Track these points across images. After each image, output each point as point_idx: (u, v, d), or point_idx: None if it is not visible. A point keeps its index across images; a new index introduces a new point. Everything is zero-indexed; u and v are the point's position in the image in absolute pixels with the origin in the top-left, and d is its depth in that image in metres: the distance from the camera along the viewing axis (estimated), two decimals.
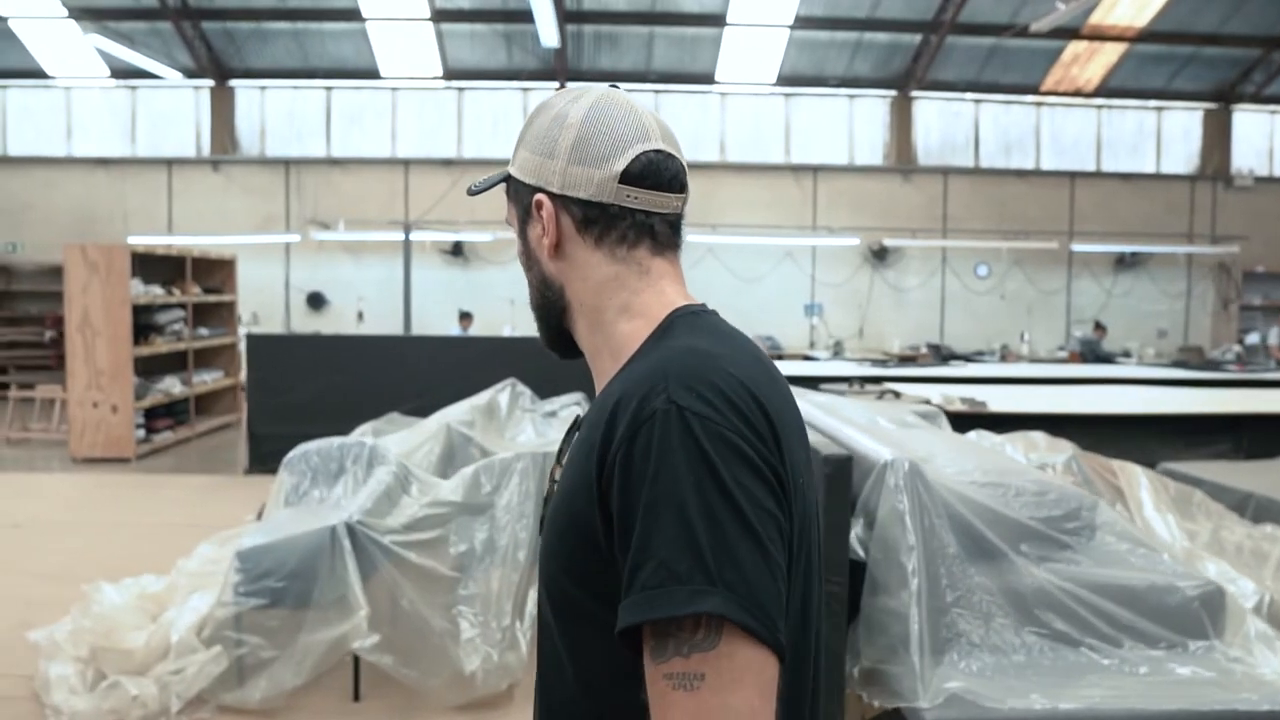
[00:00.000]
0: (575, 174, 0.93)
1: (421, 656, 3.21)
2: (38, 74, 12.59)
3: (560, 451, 1.02)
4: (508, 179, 1.00)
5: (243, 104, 12.79)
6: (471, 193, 1.05)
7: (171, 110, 12.77)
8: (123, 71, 12.39)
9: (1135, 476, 3.75)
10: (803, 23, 11.92)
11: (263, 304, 12.36)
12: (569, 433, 1.01)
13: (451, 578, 3.40)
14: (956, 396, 6.17)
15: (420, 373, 7.36)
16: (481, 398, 5.61)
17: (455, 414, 5.20)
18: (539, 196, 0.95)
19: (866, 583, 2.33)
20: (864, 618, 2.32)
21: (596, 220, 0.94)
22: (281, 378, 7.55)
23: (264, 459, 7.51)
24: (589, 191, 0.93)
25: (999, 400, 6.01)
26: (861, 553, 2.36)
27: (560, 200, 0.94)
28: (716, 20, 11.95)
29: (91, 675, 3.30)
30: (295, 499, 3.94)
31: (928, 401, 5.75)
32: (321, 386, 7.48)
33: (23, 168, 12.68)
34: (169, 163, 12.66)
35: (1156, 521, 3.48)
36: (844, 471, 2.16)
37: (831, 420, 2.92)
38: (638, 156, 0.92)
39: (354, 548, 3.15)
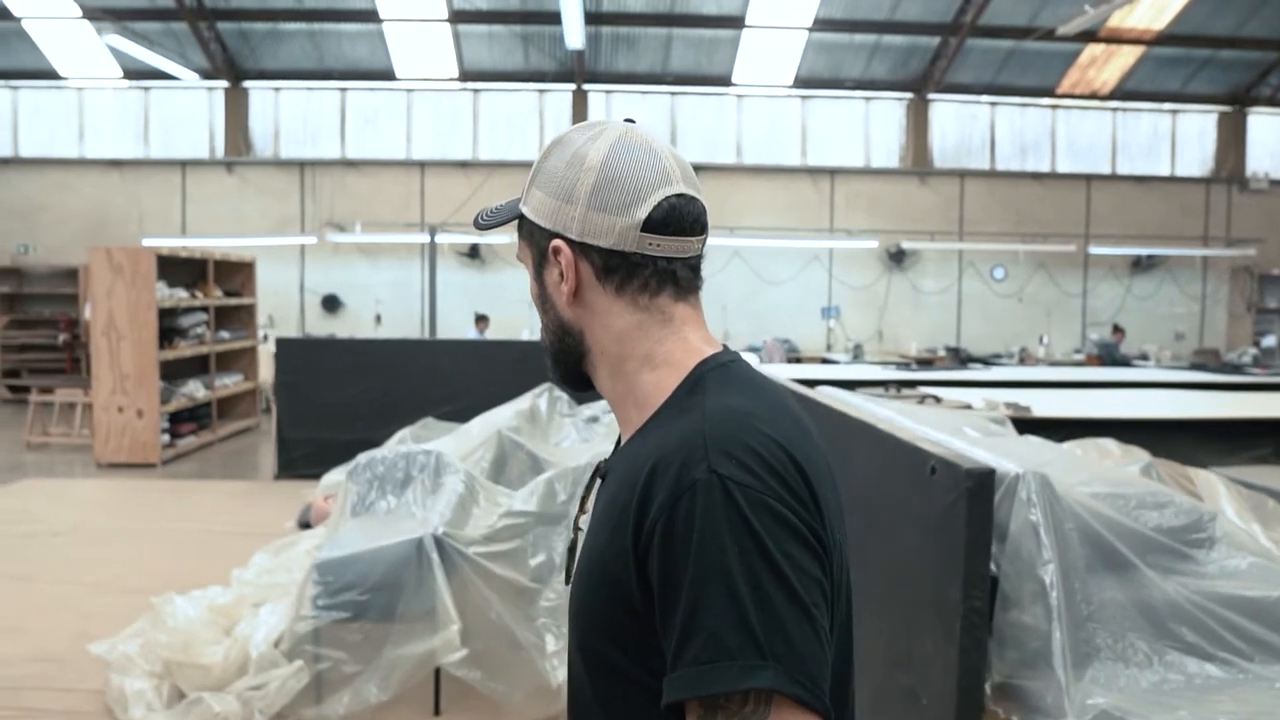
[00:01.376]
0: (595, 221, 0.90)
1: (508, 670, 3.15)
2: (50, 75, 12.47)
3: (583, 498, 1.00)
4: (520, 217, 0.97)
5: (256, 105, 12.69)
6: (480, 227, 1.02)
7: (185, 111, 12.66)
8: (135, 72, 12.28)
9: (1214, 485, 3.70)
10: (822, 25, 11.90)
11: (277, 306, 12.26)
12: (592, 478, 0.99)
13: (533, 589, 3.34)
14: (1000, 401, 6.13)
15: (449, 377, 7.28)
16: (523, 403, 5.55)
17: (502, 419, 5.14)
18: (556, 242, 0.92)
19: (998, 597, 2.28)
20: (995, 632, 2.28)
21: (617, 269, 0.91)
22: (310, 382, 7.47)
23: (293, 464, 7.44)
24: (610, 240, 0.90)
25: (1037, 405, 5.97)
26: (992, 566, 2.32)
27: (579, 247, 0.92)
28: (735, 22, 11.92)
29: (167, 691, 3.24)
30: (362, 509, 3.87)
31: (968, 406, 5.72)
32: (350, 391, 7.41)
33: (35, 169, 12.54)
34: (183, 164, 12.55)
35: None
36: (986, 485, 2.12)
37: (938, 433, 2.87)
38: (660, 203, 0.90)
39: (442, 560, 3.09)
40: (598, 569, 0.86)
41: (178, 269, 8.78)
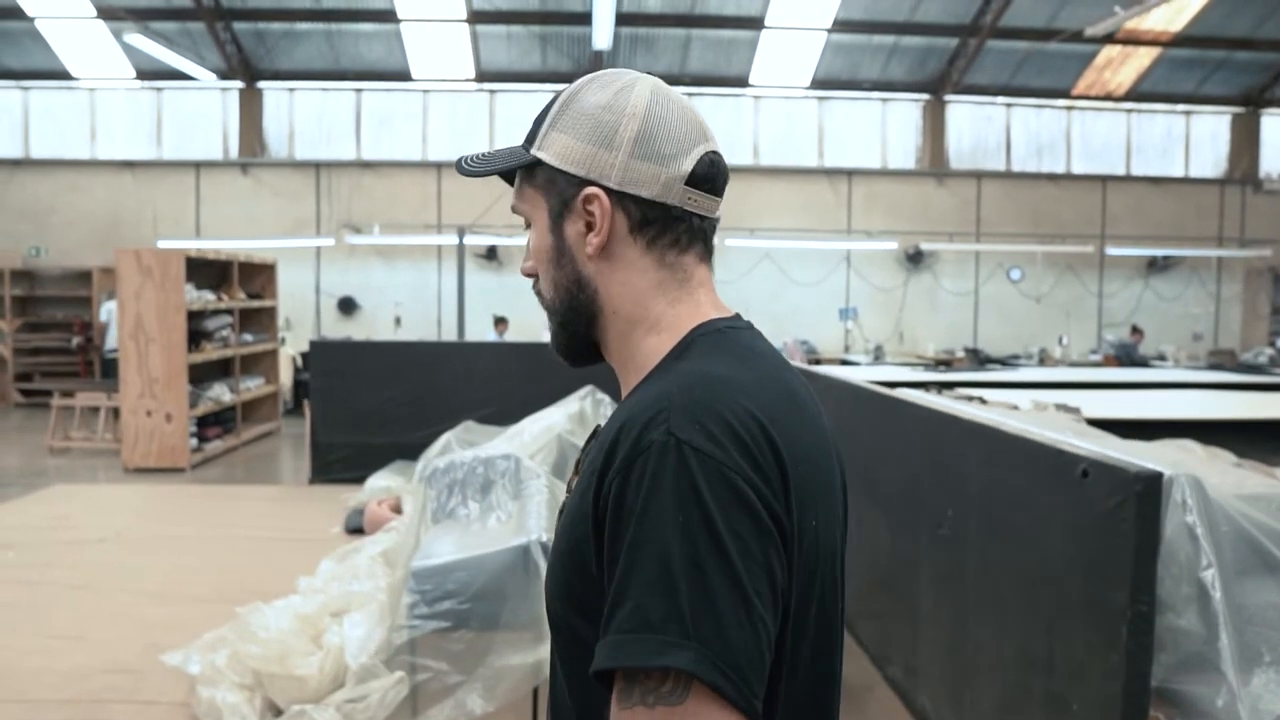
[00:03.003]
0: (638, 170, 0.85)
1: None
2: (62, 75, 12.32)
3: (578, 461, 0.95)
4: (535, 164, 0.89)
5: (271, 106, 12.58)
6: (466, 173, 0.93)
7: (198, 112, 12.53)
8: (149, 72, 12.15)
9: None
10: (841, 26, 11.89)
11: (293, 309, 12.14)
12: (588, 441, 0.95)
13: None
14: (1049, 402, 6.11)
15: (482, 380, 7.20)
16: (571, 405, 5.49)
17: (555, 422, 5.07)
18: (591, 190, 0.86)
19: None
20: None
21: (655, 221, 0.87)
22: (343, 385, 7.37)
23: (328, 468, 7.34)
24: (653, 191, 0.86)
25: (1080, 406, 5.95)
26: None
27: (616, 196, 0.86)
28: (755, 23, 11.89)
29: (260, 703, 3.16)
30: (442, 515, 3.81)
31: (1015, 406, 5.69)
32: (382, 395, 7.32)
33: (46, 170, 12.39)
34: (197, 165, 12.42)
35: None
36: (1154, 489, 2.09)
37: (1061, 435, 2.83)
38: (702, 157, 0.87)
39: None
40: (568, 532, 0.81)
41: (201, 271, 8.67)
